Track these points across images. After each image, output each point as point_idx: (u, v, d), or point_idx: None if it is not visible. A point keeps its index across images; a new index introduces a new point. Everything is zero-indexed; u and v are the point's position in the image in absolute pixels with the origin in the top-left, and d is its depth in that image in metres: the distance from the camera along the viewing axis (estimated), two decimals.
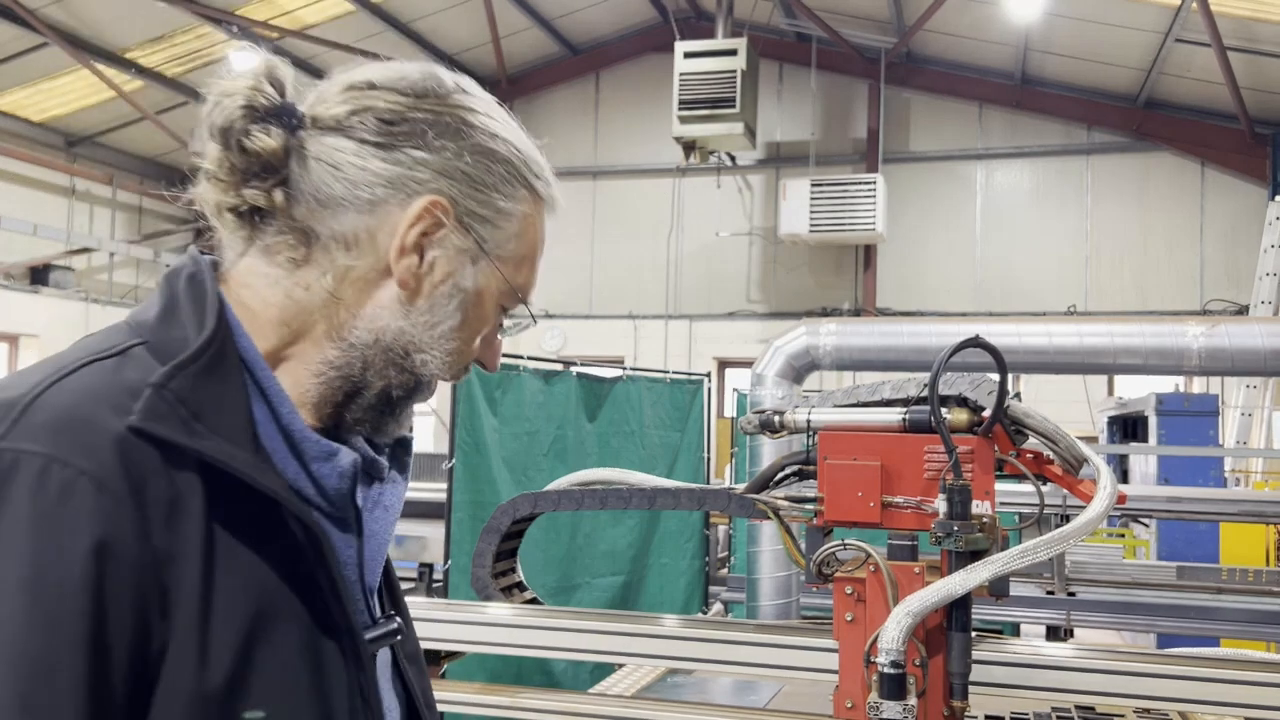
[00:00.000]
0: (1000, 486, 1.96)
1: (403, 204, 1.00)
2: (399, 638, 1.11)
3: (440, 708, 1.47)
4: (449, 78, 1.05)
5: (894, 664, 1.68)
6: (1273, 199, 11.12)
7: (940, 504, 1.79)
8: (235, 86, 0.98)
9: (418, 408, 1.13)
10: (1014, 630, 5.65)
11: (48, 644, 0.80)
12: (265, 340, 1.00)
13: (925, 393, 1.90)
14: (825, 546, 1.91)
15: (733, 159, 13.30)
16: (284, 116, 0.99)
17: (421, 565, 6.41)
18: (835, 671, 1.92)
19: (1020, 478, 1.95)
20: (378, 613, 1.10)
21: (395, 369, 1.03)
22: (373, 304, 1.01)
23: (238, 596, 0.90)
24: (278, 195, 0.99)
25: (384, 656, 1.11)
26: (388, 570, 1.16)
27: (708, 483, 6.50)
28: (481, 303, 1.06)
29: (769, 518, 2.10)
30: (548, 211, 1.10)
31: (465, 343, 1.07)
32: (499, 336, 1.12)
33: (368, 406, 1.04)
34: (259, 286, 1.02)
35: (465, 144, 1.03)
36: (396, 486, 1.11)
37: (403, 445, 1.13)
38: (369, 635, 1.04)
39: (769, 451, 4.16)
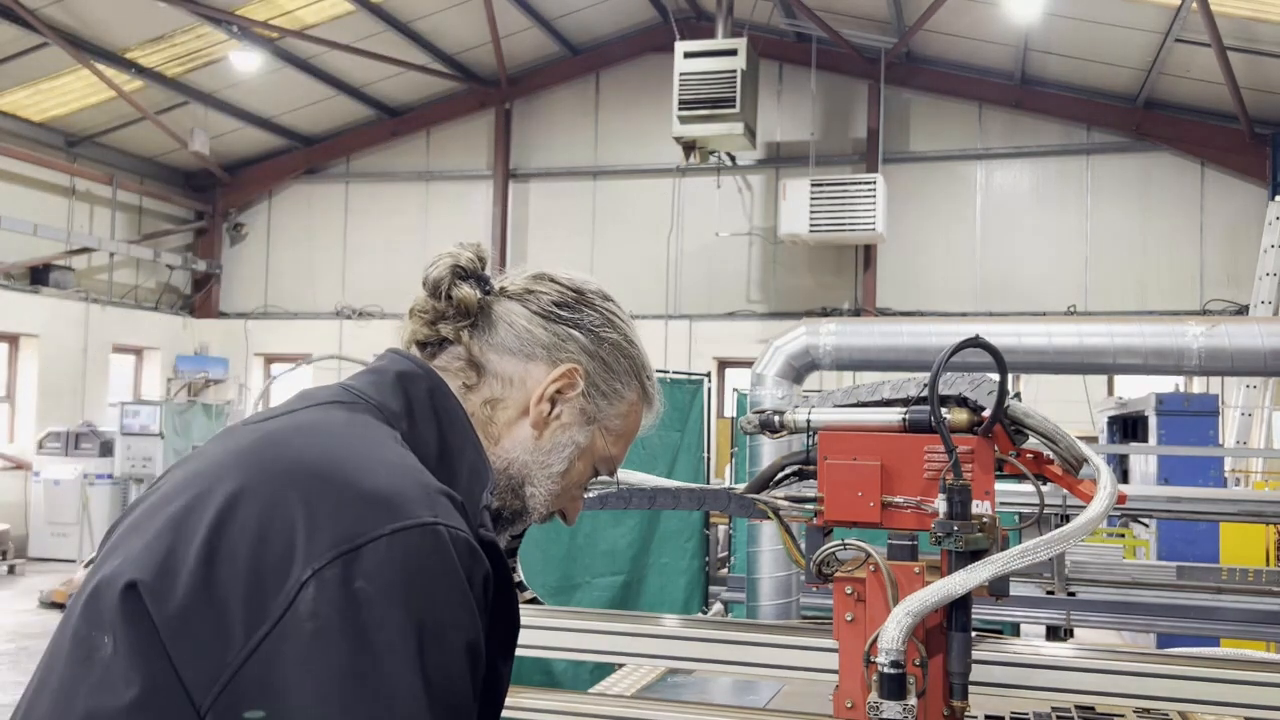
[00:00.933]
0: (1000, 486, 1.96)
1: (551, 364, 1.30)
2: None
3: None
4: (596, 286, 1.37)
5: (894, 664, 1.68)
6: (1273, 199, 11.12)
7: (940, 504, 1.79)
8: (449, 252, 1.31)
9: None
10: (1014, 630, 5.64)
11: (478, 640, 1.09)
12: None
13: (925, 393, 1.90)
14: (825, 546, 1.90)
15: (733, 159, 13.30)
16: (481, 280, 1.32)
17: None
18: (835, 671, 1.91)
19: (1020, 478, 1.95)
20: None
21: (511, 494, 1.30)
22: (511, 436, 1.30)
23: (498, 642, 1.19)
24: (465, 333, 1.30)
25: None
26: None
27: (708, 483, 6.50)
28: (584, 459, 1.34)
29: (769, 518, 2.09)
30: (648, 408, 1.39)
31: (563, 490, 1.33)
32: (582, 494, 1.38)
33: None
34: None
35: (606, 336, 1.34)
36: None
37: None
38: None
39: (769, 451, 4.15)
